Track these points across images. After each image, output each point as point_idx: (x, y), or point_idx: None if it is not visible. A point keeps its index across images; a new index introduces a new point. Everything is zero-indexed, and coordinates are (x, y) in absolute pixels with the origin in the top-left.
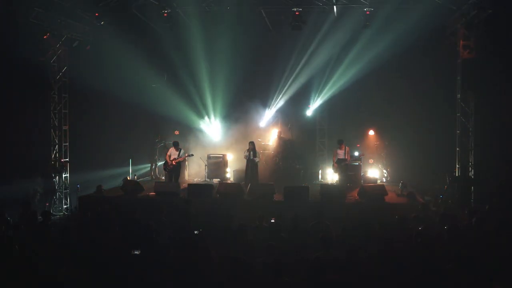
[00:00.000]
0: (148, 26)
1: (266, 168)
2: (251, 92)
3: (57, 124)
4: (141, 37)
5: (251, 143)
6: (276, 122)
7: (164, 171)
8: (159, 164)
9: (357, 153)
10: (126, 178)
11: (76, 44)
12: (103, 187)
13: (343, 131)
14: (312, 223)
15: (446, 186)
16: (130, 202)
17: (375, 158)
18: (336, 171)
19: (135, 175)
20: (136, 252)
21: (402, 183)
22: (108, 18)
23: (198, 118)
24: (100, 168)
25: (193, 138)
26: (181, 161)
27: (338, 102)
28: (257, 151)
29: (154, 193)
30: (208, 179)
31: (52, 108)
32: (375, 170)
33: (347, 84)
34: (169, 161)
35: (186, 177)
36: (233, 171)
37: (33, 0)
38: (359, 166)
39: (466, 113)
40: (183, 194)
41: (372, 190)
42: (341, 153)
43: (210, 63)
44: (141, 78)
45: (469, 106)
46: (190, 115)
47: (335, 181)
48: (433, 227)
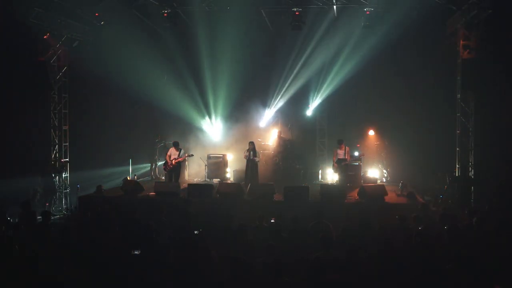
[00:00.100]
0: (148, 26)
1: (266, 168)
2: (251, 92)
3: (57, 124)
4: (141, 37)
5: (251, 143)
6: (276, 122)
7: (164, 171)
8: (159, 164)
9: (357, 153)
10: (126, 178)
11: (76, 44)
12: (103, 187)
13: (343, 131)
14: (312, 223)
15: (446, 186)
16: (130, 202)
17: (375, 158)
18: (336, 171)
19: (135, 175)
20: (136, 252)
21: (402, 183)
22: (108, 18)
23: (199, 117)
24: (100, 168)
25: (193, 138)
26: (181, 161)
27: (337, 102)
28: (257, 151)
29: (154, 193)
30: (208, 179)
31: (52, 108)
32: (375, 170)
33: (347, 84)
34: (169, 161)
35: (186, 177)
36: (233, 171)
37: (33, 0)
38: (359, 166)
39: (466, 113)
40: (183, 194)
41: (372, 190)
42: (341, 153)
43: (210, 63)
44: (142, 78)
45: (469, 106)
46: (191, 114)
47: (335, 181)
48: (433, 227)
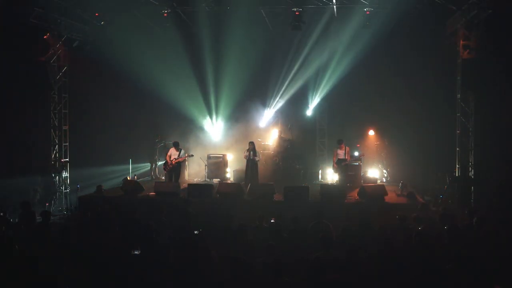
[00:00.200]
0: (149, 26)
1: (266, 168)
2: (251, 92)
3: (57, 124)
4: (142, 37)
5: (251, 143)
6: (276, 122)
7: (164, 171)
8: (159, 164)
9: (357, 153)
10: (126, 178)
11: (76, 44)
12: (103, 187)
13: (343, 131)
14: (312, 223)
15: (446, 186)
16: (130, 202)
17: (375, 158)
18: (336, 171)
19: (135, 175)
20: (136, 252)
21: (402, 183)
22: (108, 18)
23: (201, 117)
24: (100, 168)
25: (194, 138)
26: (181, 161)
27: (337, 102)
28: (257, 151)
29: (154, 193)
30: (208, 179)
31: (52, 108)
32: (375, 170)
33: (346, 84)
34: (169, 161)
35: (186, 177)
36: (233, 171)
37: (33, 0)
38: (359, 166)
39: (466, 113)
40: (183, 194)
41: (372, 190)
42: (341, 153)
43: (209, 63)
44: (142, 77)
45: (469, 106)
46: (192, 114)
47: (335, 181)
48: (433, 227)
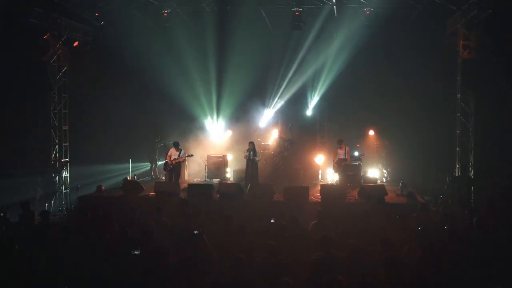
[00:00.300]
0: (149, 26)
1: (266, 168)
2: (251, 92)
3: (57, 124)
4: (142, 37)
5: (251, 143)
6: (276, 122)
7: (164, 171)
8: (159, 164)
9: (357, 153)
10: (126, 178)
11: (76, 44)
12: (103, 187)
13: (343, 131)
14: (312, 223)
15: (446, 186)
16: (130, 202)
17: (375, 158)
18: (336, 171)
19: (135, 175)
20: (136, 252)
21: (402, 183)
22: (108, 18)
23: (202, 117)
24: (100, 168)
25: (194, 138)
26: (181, 161)
27: (337, 102)
28: (257, 151)
29: (154, 193)
30: (208, 179)
31: (52, 108)
32: (375, 170)
33: (346, 84)
34: (169, 161)
35: (186, 177)
36: (233, 171)
37: (33, 0)
38: (359, 166)
39: (466, 113)
40: (183, 194)
41: (372, 190)
42: (341, 153)
43: (210, 63)
44: (142, 77)
45: (469, 106)
46: (193, 113)
47: (335, 181)
48: (433, 227)
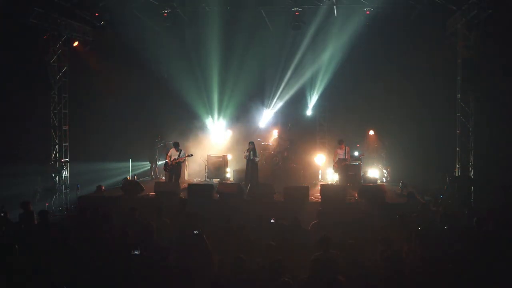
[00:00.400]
0: (149, 26)
1: (266, 168)
2: (251, 92)
3: (57, 124)
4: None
5: (251, 143)
6: (276, 122)
7: (164, 171)
8: (159, 163)
9: (357, 153)
10: (126, 178)
11: (76, 44)
12: (103, 187)
13: (343, 131)
14: (312, 223)
15: (446, 186)
16: (130, 202)
17: (375, 158)
18: (336, 171)
19: (135, 175)
20: (136, 252)
21: (402, 183)
22: (108, 18)
23: (201, 117)
24: (100, 167)
25: (194, 138)
26: (181, 161)
27: (337, 102)
28: (257, 151)
29: (154, 193)
30: (208, 179)
31: (52, 108)
32: (375, 170)
33: (346, 84)
34: (169, 161)
35: (186, 177)
36: (233, 171)
37: (33, 0)
38: (359, 166)
39: (466, 113)
40: (183, 194)
41: (372, 190)
42: (341, 153)
43: (209, 62)
44: (142, 77)
45: (469, 106)
46: (192, 114)
47: (335, 181)
48: (433, 227)
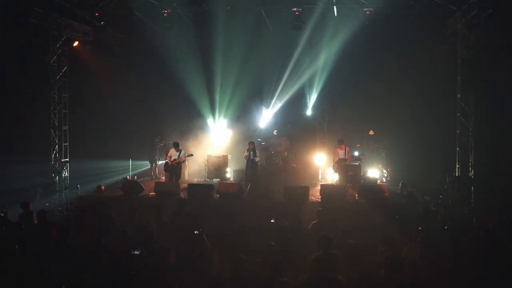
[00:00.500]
0: (148, 26)
1: (266, 168)
2: (251, 92)
3: (57, 124)
4: (141, 37)
5: (251, 143)
6: (276, 122)
7: (164, 171)
8: (159, 163)
9: (357, 153)
10: (126, 178)
11: (76, 44)
12: (103, 187)
13: (343, 131)
14: (312, 223)
15: (446, 186)
16: (130, 202)
17: (375, 158)
18: (336, 171)
19: (135, 176)
20: (136, 252)
21: (402, 183)
22: (108, 18)
23: (202, 117)
24: (100, 167)
25: (194, 137)
26: (181, 161)
27: (337, 102)
28: (257, 151)
29: (154, 193)
30: (208, 179)
31: (52, 108)
32: (375, 170)
33: (347, 84)
34: (169, 161)
35: (186, 177)
36: (233, 171)
37: (33, 0)
38: (359, 166)
39: (466, 113)
40: (183, 194)
41: (372, 190)
42: (341, 153)
43: (210, 62)
44: (142, 77)
45: (469, 106)
46: (192, 114)
47: (335, 181)
48: (433, 227)
